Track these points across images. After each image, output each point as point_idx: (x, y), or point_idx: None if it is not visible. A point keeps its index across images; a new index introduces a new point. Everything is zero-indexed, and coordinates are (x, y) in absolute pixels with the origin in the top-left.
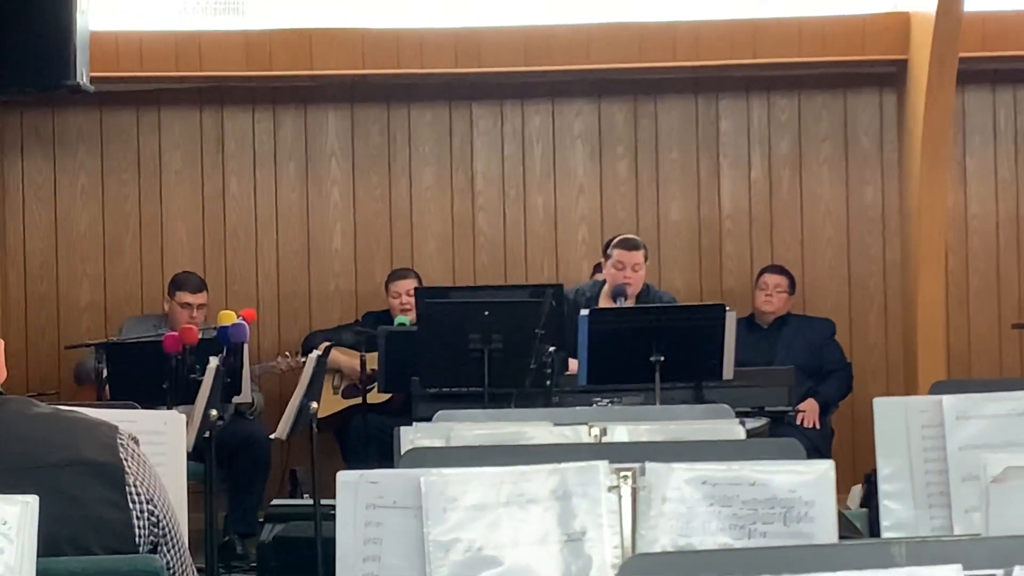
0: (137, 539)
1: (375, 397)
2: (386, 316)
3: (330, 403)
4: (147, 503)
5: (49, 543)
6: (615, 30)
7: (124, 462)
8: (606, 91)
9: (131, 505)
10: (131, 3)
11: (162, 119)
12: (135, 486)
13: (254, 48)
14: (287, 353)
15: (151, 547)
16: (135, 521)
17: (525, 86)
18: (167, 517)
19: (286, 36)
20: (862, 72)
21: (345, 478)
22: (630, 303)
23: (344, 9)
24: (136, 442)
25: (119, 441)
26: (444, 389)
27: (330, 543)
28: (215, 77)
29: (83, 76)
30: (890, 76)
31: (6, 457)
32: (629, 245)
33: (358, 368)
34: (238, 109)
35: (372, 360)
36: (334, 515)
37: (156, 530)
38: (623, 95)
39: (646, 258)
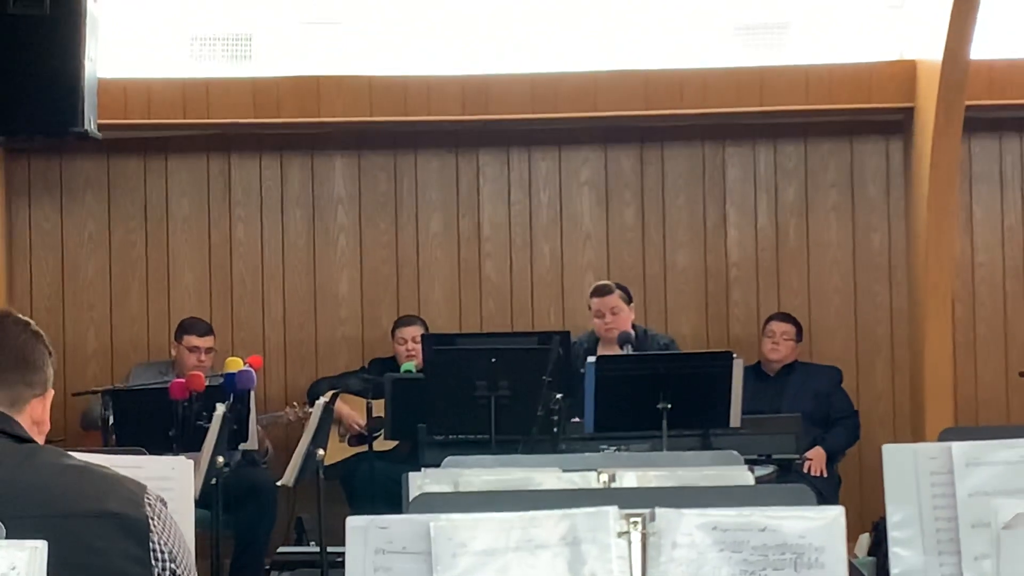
0: None
1: (381, 444)
2: (392, 363)
3: (336, 450)
4: (170, 562)
5: None
6: (622, 78)
7: (150, 520)
8: (613, 138)
9: (154, 562)
10: (139, 50)
11: (169, 166)
12: (159, 544)
13: (262, 95)
14: (294, 404)
15: None
16: None
17: (532, 133)
18: None
19: (294, 83)
20: (869, 120)
21: (354, 523)
22: (626, 349)
23: (352, 56)
24: (163, 503)
25: (147, 499)
26: (451, 436)
27: None
28: (222, 124)
29: (91, 123)
30: (896, 124)
31: (33, 505)
32: (601, 292)
33: (357, 420)
34: (245, 156)
35: (379, 407)
36: (340, 563)
37: None
38: (630, 142)
39: (629, 300)
